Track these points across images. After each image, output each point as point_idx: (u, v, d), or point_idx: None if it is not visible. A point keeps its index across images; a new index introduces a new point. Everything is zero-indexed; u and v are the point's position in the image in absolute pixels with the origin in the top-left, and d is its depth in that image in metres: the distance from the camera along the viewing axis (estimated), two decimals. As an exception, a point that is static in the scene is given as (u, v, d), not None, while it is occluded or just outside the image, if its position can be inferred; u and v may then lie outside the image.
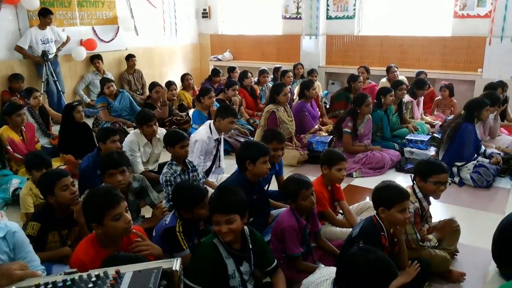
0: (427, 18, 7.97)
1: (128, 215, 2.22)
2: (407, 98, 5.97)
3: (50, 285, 1.31)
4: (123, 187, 2.97)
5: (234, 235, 2.26)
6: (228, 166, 4.66)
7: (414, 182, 2.96)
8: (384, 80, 7.09)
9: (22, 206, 3.45)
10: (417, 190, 2.91)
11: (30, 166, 3.41)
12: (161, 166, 4.39)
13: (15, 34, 6.88)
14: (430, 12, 7.94)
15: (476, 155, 4.60)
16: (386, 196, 2.51)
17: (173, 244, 2.65)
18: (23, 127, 4.79)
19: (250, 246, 2.37)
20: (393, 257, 2.35)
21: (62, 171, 2.87)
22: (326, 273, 2.24)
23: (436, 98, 6.68)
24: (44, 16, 6.78)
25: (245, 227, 2.40)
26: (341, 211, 3.44)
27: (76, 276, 1.35)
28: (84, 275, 1.35)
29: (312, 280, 2.27)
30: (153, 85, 6.10)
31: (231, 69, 7.85)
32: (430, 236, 2.96)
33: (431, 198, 2.96)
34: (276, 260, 2.50)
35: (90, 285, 1.30)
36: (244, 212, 2.29)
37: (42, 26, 6.87)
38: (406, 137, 5.28)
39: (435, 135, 5.52)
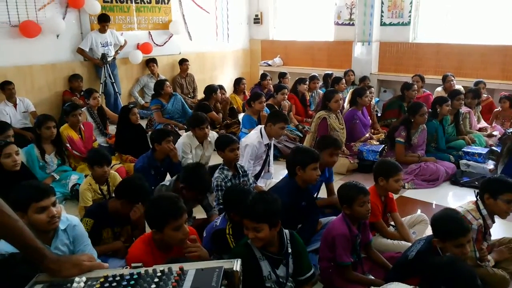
0: (486, 25, 7.62)
1: (187, 227, 2.27)
2: (464, 109, 5.74)
3: (118, 278, 1.36)
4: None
5: (262, 242, 2.27)
6: (277, 171, 4.67)
7: (479, 198, 2.83)
8: (439, 89, 6.84)
9: (81, 200, 3.60)
10: (481, 206, 2.78)
11: (93, 162, 3.54)
12: (211, 168, 4.47)
13: (77, 37, 7.25)
14: (489, 19, 7.59)
15: (539, 171, 4.35)
16: (440, 227, 2.37)
17: (223, 246, 2.69)
18: (81, 126, 5.01)
19: (290, 250, 2.36)
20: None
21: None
22: None
23: (495, 110, 6.37)
24: (99, 22, 7.15)
25: (286, 231, 2.40)
26: (392, 223, 3.36)
27: (142, 270, 1.40)
28: (150, 270, 1.39)
29: None
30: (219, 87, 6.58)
31: (282, 75, 7.86)
32: (489, 257, 2.83)
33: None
34: (313, 271, 2.45)
35: (156, 279, 1.34)
36: (274, 222, 2.27)
37: (102, 30, 7.21)
38: (463, 149, 5.07)
39: (493, 148, 5.26)
